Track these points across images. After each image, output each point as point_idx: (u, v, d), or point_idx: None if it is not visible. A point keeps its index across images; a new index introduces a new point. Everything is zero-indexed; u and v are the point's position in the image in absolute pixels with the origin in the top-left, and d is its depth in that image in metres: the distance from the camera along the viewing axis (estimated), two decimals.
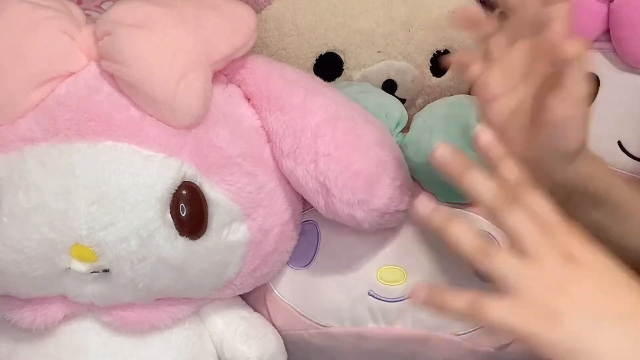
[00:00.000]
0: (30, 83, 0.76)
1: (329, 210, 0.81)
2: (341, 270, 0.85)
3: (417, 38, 0.98)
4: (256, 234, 0.81)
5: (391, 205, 0.81)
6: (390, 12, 0.98)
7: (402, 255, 0.85)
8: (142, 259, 0.76)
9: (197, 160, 0.78)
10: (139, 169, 0.76)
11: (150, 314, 0.82)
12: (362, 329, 0.84)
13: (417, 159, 0.86)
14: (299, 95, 0.82)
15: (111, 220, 0.75)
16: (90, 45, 0.78)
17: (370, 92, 0.92)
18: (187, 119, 0.77)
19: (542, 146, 0.67)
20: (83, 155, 0.75)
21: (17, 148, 0.76)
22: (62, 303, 0.80)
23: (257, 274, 0.84)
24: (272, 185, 0.82)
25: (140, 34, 0.75)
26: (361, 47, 0.98)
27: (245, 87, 0.84)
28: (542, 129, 0.67)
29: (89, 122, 0.76)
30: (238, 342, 0.85)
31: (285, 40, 0.98)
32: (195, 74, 0.76)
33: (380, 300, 0.83)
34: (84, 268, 0.76)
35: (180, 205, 0.77)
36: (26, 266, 0.76)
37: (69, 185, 0.75)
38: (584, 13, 0.98)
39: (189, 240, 0.77)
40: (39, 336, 0.81)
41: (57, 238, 0.75)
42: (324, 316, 0.85)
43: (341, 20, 0.97)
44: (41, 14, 0.77)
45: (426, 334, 0.83)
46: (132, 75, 0.75)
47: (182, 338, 0.84)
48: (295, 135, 0.81)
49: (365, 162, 0.80)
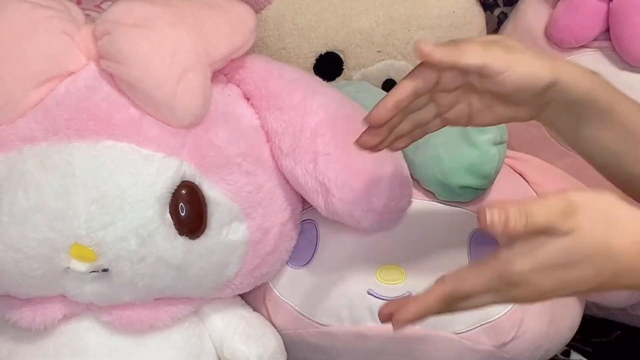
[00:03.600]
0: (29, 83, 0.76)
1: (328, 209, 0.81)
2: (340, 269, 0.85)
3: (417, 38, 0.98)
4: (255, 233, 0.81)
5: (390, 204, 0.81)
6: (390, 12, 0.98)
7: (402, 255, 0.85)
8: (141, 259, 0.76)
9: (197, 160, 0.78)
10: (139, 168, 0.76)
11: (149, 313, 0.82)
12: (362, 327, 0.83)
13: (416, 158, 0.86)
14: (298, 95, 0.82)
15: (111, 219, 0.75)
16: (89, 45, 0.78)
17: (370, 91, 0.92)
18: (186, 118, 0.77)
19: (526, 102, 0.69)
20: (82, 154, 0.75)
21: (16, 148, 0.77)
22: (61, 303, 0.80)
23: (257, 273, 0.84)
24: (272, 185, 0.82)
25: (139, 34, 0.75)
26: (361, 47, 0.98)
27: (244, 86, 0.84)
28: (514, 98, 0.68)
29: (89, 121, 0.76)
30: (237, 342, 0.85)
31: (285, 40, 0.98)
32: (195, 73, 0.76)
33: (379, 299, 0.83)
34: (83, 267, 0.76)
35: (179, 205, 0.77)
36: (26, 266, 0.76)
37: (68, 185, 0.75)
38: (583, 12, 0.98)
39: (188, 240, 0.77)
40: (38, 336, 0.81)
41: (56, 237, 0.75)
42: (324, 315, 0.85)
43: (341, 20, 0.97)
44: (41, 14, 0.77)
45: (425, 333, 0.83)
46: (131, 75, 0.75)
47: (181, 338, 0.84)
48: (294, 134, 0.81)
49: (365, 162, 0.80)
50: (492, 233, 0.59)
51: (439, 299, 0.61)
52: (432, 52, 0.65)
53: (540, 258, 0.59)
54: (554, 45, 1.01)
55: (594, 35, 0.99)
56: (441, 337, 0.83)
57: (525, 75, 0.66)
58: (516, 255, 0.60)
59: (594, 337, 1.07)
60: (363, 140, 0.70)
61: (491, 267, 0.61)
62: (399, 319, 0.62)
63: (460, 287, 0.61)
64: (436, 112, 0.71)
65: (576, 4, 0.99)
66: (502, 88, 0.67)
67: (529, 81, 0.66)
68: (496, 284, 0.61)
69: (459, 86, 0.69)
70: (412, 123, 0.71)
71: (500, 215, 0.58)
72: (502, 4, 1.20)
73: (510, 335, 0.84)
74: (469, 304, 0.62)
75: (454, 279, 0.61)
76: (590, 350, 1.07)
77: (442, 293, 0.61)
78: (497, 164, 0.86)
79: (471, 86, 0.68)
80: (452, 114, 0.71)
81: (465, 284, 0.61)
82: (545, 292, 0.61)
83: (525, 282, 0.60)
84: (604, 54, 1.00)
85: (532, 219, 0.58)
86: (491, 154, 0.85)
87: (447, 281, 0.61)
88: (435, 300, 0.61)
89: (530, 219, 0.58)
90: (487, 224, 0.58)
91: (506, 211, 0.58)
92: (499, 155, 0.86)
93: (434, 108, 0.70)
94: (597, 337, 1.08)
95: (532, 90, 0.67)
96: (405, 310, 0.61)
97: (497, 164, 0.86)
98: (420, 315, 0.62)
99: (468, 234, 0.86)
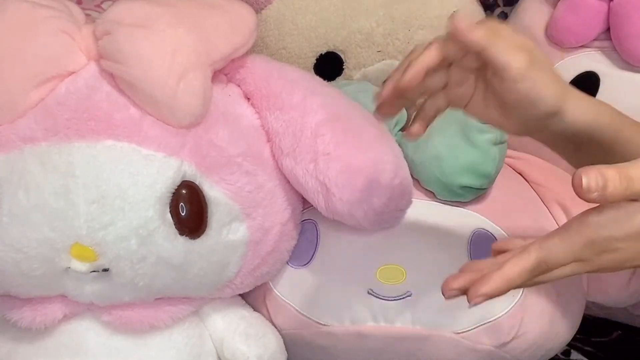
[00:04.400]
0: (30, 82, 0.76)
1: (328, 209, 0.81)
2: (341, 269, 0.85)
3: (417, 38, 0.98)
4: (256, 233, 0.81)
5: (391, 204, 0.81)
6: (390, 12, 0.98)
7: (402, 254, 0.85)
8: (141, 259, 0.76)
9: (197, 160, 0.78)
10: (139, 168, 0.76)
11: (150, 313, 0.82)
12: (362, 327, 0.83)
13: (417, 158, 0.86)
14: (298, 95, 0.82)
15: (111, 219, 0.75)
16: (90, 45, 0.78)
17: (370, 91, 0.92)
18: (186, 118, 0.77)
19: (521, 119, 0.67)
20: (83, 154, 0.75)
21: (17, 147, 0.76)
22: (61, 302, 0.80)
23: (257, 273, 0.84)
24: (272, 185, 0.82)
25: (140, 34, 0.75)
26: (361, 47, 0.98)
27: (245, 86, 0.84)
28: (512, 110, 0.66)
29: (89, 121, 0.76)
30: (238, 342, 0.85)
31: (286, 40, 0.98)
32: (195, 73, 0.76)
33: (379, 299, 0.83)
34: (83, 267, 0.76)
35: (180, 205, 0.77)
36: (26, 265, 0.76)
37: (68, 185, 0.75)
38: (584, 11, 0.98)
39: (188, 240, 0.77)
40: (38, 335, 0.82)
41: (57, 237, 0.75)
42: (324, 315, 0.85)
43: (341, 20, 0.97)
44: (41, 14, 0.77)
45: (426, 333, 0.83)
46: (131, 75, 0.75)
47: (182, 338, 0.84)
48: (294, 134, 0.81)
49: (365, 161, 0.80)
50: (588, 200, 0.55)
51: (524, 271, 0.58)
52: (468, 31, 0.62)
53: (629, 224, 0.57)
54: (554, 45, 1.02)
55: (594, 35, 0.99)
56: (442, 337, 0.83)
57: (534, 95, 0.64)
58: (608, 221, 0.57)
59: (594, 337, 1.08)
60: (385, 110, 0.68)
61: (580, 233, 0.58)
62: (479, 293, 0.57)
63: (548, 257, 0.58)
64: (445, 84, 0.68)
65: (576, 4, 0.99)
66: (506, 95, 0.65)
67: (534, 103, 0.64)
68: (584, 252, 0.58)
69: (474, 69, 0.67)
70: (422, 88, 0.67)
71: (597, 179, 0.54)
72: (502, 4, 1.20)
73: (511, 335, 0.84)
74: (553, 275, 0.59)
75: (539, 249, 0.58)
76: (590, 350, 1.07)
77: (528, 264, 0.58)
78: (498, 163, 0.86)
79: (483, 74, 0.67)
80: (456, 93, 0.68)
81: (552, 253, 0.58)
82: (631, 260, 0.59)
83: (616, 249, 0.57)
84: (604, 54, 1.00)
85: (632, 183, 0.55)
86: (491, 153, 0.85)
87: (532, 251, 0.58)
88: (520, 272, 0.58)
89: (631, 184, 0.55)
90: (583, 189, 0.54)
91: (604, 175, 0.54)
92: (499, 155, 0.86)
93: (444, 79, 0.68)
94: (597, 337, 1.08)
95: (533, 112, 0.65)
96: (486, 284, 0.57)
97: (497, 164, 0.86)
98: (503, 289, 0.58)
99: (468, 234, 0.86)
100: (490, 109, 0.68)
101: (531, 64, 0.63)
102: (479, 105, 0.68)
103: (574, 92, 0.67)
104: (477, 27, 0.63)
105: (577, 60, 1.00)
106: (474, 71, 0.67)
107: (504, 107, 0.66)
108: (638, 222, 0.57)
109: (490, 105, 0.68)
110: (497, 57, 0.63)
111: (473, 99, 0.68)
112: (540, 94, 0.64)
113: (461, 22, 0.62)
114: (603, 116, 0.68)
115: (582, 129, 0.67)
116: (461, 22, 0.62)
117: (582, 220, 0.58)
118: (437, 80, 0.68)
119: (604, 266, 0.59)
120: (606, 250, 0.58)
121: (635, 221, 0.57)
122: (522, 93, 0.64)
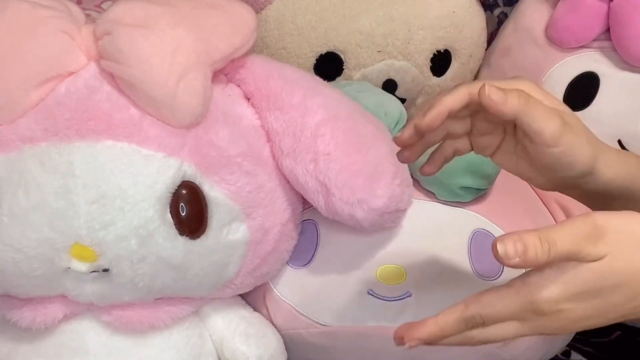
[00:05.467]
0: (30, 82, 0.76)
1: (328, 209, 0.81)
2: (341, 269, 0.85)
3: (417, 38, 0.98)
4: (256, 233, 0.81)
5: (391, 204, 0.80)
6: (390, 12, 0.98)
7: (402, 255, 0.85)
8: (141, 259, 0.76)
9: (197, 160, 0.78)
10: (139, 168, 0.76)
11: (150, 313, 0.82)
12: (362, 327, 0.83)
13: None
14: (298, 95, 0.82)
15: (111, 219, 0.75)
16: (90, 45, 0.78)
17: (370, 91, 0.92)
18: (186, 118, 0.77)
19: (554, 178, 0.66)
20: (83, 154, 0.75)
21: (17, 148, 0.76)
22: (61, 303, 0.80)
23: (257, 273, 0.84)
24: (272, 185, 0.82)
25: (140, 34, 0.75)
26: (361, 47, 0.98)
27: (245, 86, 0.84)
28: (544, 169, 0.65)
29: (89, 121, 0.76)
30: (238, 342, 0.85)
31: (286, 40, 0.98)
32: (195, 73, 0.76)
33: (379, 299, 0.83)
34: (83, 267, 0.76)
35: (180, 205, 0.77)
36: (26, 265, 0.76)
37: (68, 185, 0.75)
38: (584, 12, 0.98)
39: (188, 240, 0.77)
40: (38, 336, 0.81)
41: (57, 237, 0.75)
42: (324, 315, 0.85)
43: (341, 20, 0.97)
44: (41, 14, 0.77)
45: None
46: (131, 75, 0.75)
47: (182, 338, 0.84)
48: (294, 134, 0.81)
49: (365, 162, 0.80)
50: (511, 266, 0.54)
51: (458, 321, 0.57)
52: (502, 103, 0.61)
53: (570, 285, 0.56)
54: (554, 45, 1.02)
55: (594, 35, 0.99)
56: None
57: (567, 159, 0.63)
58: (546, 282, 0.56)
59: (594, 337, 1.08)
60: (405, 155, 0.67)
61: (518, 291, 0.57)
62: (413, 337, 0.58)
63: (483, 311, 0.57)
64: (469, 130, 0.67)
65: (576, 4, 0.99)
66: (539, 156, 0.63)
67: (567, 165, 0.63)
68: (523, 311, 0.57)
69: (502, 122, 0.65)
70: (444, 132, 0.67)
71: (516, 245, 0.54)
72: (502, 4, 1.20)
73: None
74: (490, 332, 0.58)
75: (476, 301, 0.58)
76: (590, 350, 1.07)
77: (462, 315, 0.57)
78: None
79: (513, 131, 0.65)
80: (482, 140, 0.67)
81: (488, 307, 0.57)
82: (575, 321, 0.58)
83: (555, 311, 0.57)
84: (604, 54, 1.00)
85: (555, 247, 0.55)
86: None
87: (469, 303, 0.58)
88: (454, 321, 0.58)
89: (554, 247, 0.54)
90: (500, 256, 0.54)
91: (523, 240, 0.54)
92: None
93: (468, 125, 0.67)
94: (597, 337, 1.08)
95: (566, 174, 0.64)
96: (420, 329, 0.58)
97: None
98: (436, 336, 0.58)
99: (468, 234, 0.86)
100: (521, 164, 0.67)
101: (564, 128, 0.62)
102: (509, 158, 0.67)
103: (603, 148, 0.66)
104: (510, 97, 0.61)
105: (577, 61, 1.00)
106: (502, 123, 0.66)
107: (536, 166, 0.65)
108: (573, 281, 0.56)
109: (521, 161, 0.67)
110: (531, 124, 0.62)
111: (502, 150, 0.68)
112: (573, 157, 0.63)
113: (493, 94, 0.61)
114: (634, 168, 0.66)
115: (614, 186, 0.66)
116: (493, 94, 0.61)
117: (523, 280, 0.57)
118: (460, 126, 0.67)
119: (550, 328, 0.58)
120: (546, 312, 0.57)
121: (570, 280, 0.56)
122: (555, 157, 0.63)
